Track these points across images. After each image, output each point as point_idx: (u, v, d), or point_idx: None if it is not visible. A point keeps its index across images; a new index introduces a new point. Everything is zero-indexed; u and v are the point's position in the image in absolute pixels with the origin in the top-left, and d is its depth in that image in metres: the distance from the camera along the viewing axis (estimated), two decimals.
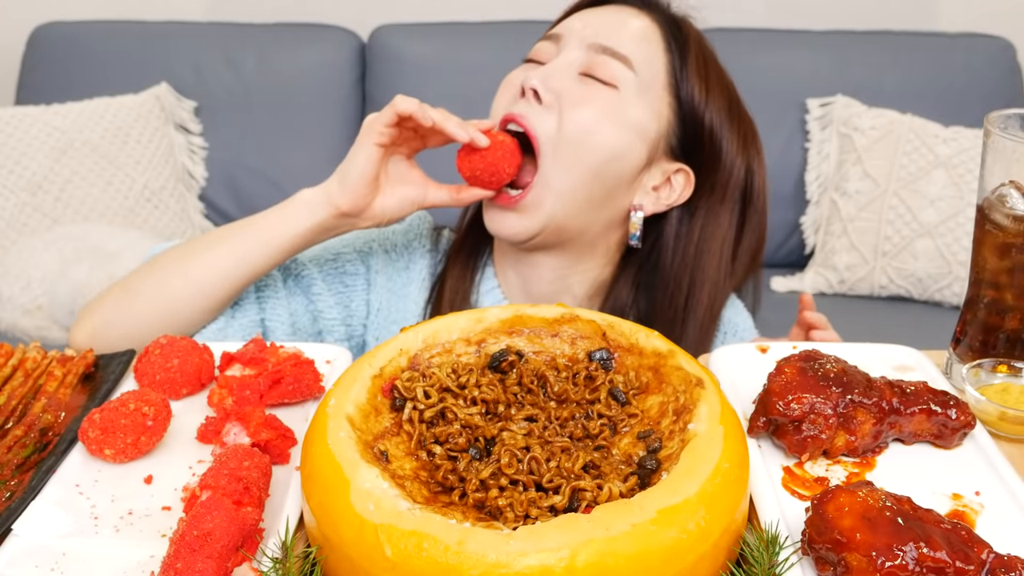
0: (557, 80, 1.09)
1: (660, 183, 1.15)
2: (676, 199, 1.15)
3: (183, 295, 1.06)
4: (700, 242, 1.16)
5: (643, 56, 1.10)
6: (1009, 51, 2.59)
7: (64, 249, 2.22)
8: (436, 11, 2.71)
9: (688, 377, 0.74)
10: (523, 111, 1.09)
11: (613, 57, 1.09)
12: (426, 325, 0.82)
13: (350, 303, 1.20)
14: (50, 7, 2.69)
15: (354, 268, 1.21)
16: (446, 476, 0.70)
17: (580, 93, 1.08)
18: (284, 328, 1.15)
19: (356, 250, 1.22)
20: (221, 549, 0.63)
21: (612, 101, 1.09)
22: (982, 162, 0.90)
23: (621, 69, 1.09)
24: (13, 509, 0.72)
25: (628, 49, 1.10)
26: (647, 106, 1.10)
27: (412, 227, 1.26)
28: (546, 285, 1.20)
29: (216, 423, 0.81)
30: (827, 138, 2.50)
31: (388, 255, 1.22)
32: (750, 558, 0.64)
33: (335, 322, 1.19)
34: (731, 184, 1.16)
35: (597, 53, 1.10)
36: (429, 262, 1.24)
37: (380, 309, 1.20)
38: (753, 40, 2.58)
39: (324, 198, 1.06)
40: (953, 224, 2.33)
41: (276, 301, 1.15)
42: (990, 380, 0.88)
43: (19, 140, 2.35)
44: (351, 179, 1.06)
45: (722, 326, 1.24)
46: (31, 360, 0.91)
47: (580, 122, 1.07)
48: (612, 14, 1.14)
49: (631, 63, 1.09)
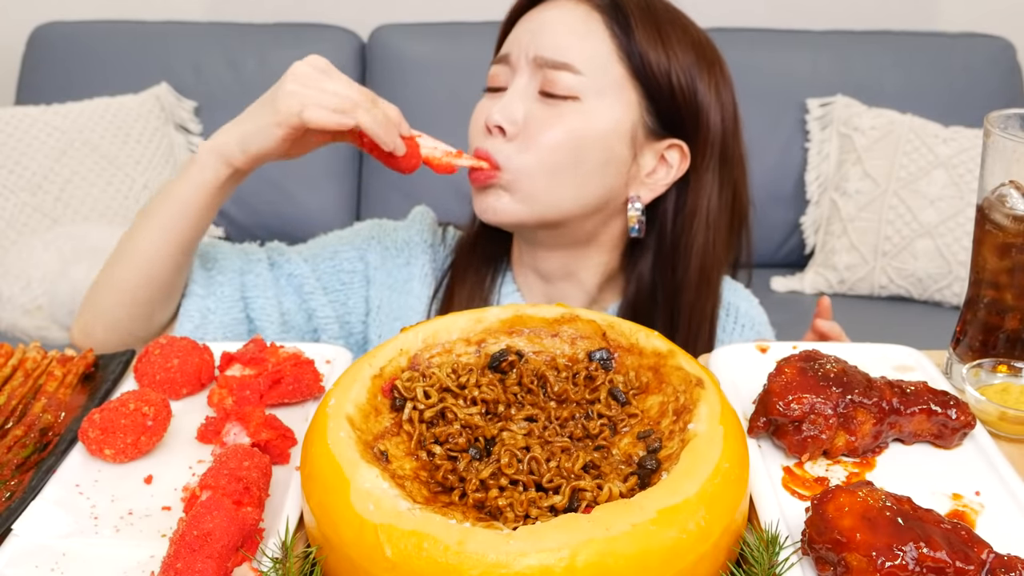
0: (517, 110, 1.08)
1: (654, 167, 1.12)
2: (674, 176, 1.13)
3: (132, 281, 1.06)
4: (689, 209, 1.14)
5: (587, 55, 1.07)
6: (1009, 51, 2.59)
7: (64, 249, 2.22)
8: (436, 11, 2.71)
9: (688, 377, 0.74)
10: (490, 147, 1.08)
11: (559, 68, 1.06)
12: (426, 325, 0.82)
13: (347, 301, 1.20)
14: (50, 7, 2.69)
15: (351, 265, 1.20)
16: (446, 476, 0.70)
17: (543, 117, 1.07)
18: (274, 327, 1.15)
19: (354, 247, 1.21)
20: (221, 549, 0.63)
21: (576, 113, 1.07)
22: (982, 162, 0.90)
23: (572, 78, 1.06)
24: (13, 509, 0.72)
25: (571, 54, 1.06)
26: (612, 101, 1.08)
27: (412, 223, 1.25)
28: (558, 280, 1.20)
29: (216, 423, 0.81)
30: (827, 138, 2.50)
31: (387, 251, 1.21)
32: (750, 558, 0.64)
33: (330, 320, 1.19)
34: (711, 139, 1.12)
35: (544, 68, 1.07)
36: (431, 257, 1.22)
37: (381, 306, 1.20)
38: (753, 40, 2.58)
39: (223, 161, 1.03)
40: (953, 224, 2.33)
41: (265, 300, 1.15)
42: (990, 380, 0.88)
43: (19, 140, 2.34)
44: (251, 152, 1.02)
45: (739, 318, 1.23)
46: (31, 360, 0.91)
47: (547, 148, 1.06)
48: (550, 12, 1.10)
49: (576, 69, 1.06)
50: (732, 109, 1.14)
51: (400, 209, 2.08)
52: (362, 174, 2.62)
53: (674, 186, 1.14)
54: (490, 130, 1.09)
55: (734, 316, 1.23)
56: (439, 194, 1.66)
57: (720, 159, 1.14)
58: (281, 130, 0.99)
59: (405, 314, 1.19)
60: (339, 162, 2.57)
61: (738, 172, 1.17)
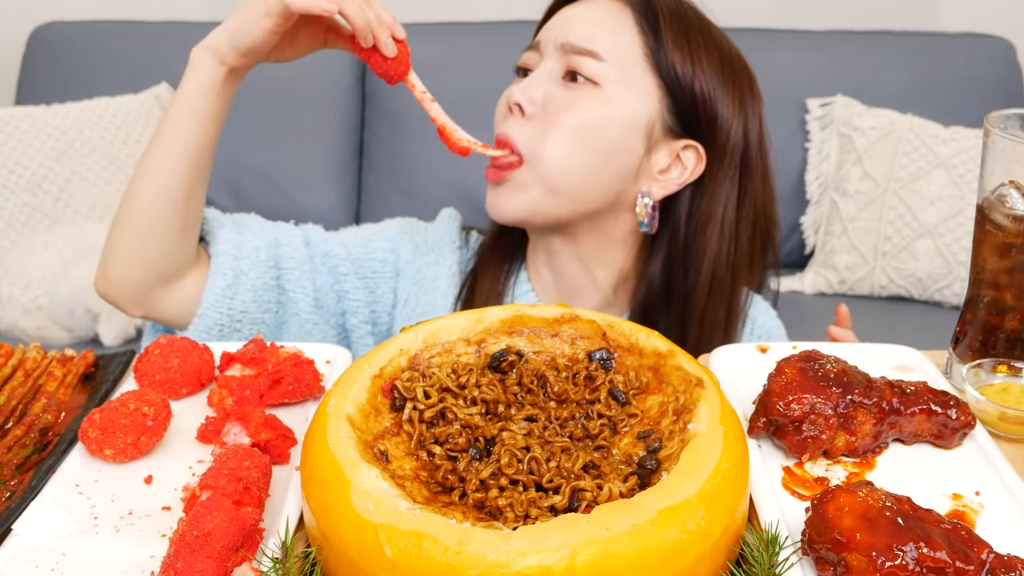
0: (538, 90, 1.11)
1: (667, 164, 1.13)
2: (689, 177, 1.14)
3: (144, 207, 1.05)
4: (704, 214, 1.14)
5: (613, 46, 1.10)
6: (1009, 51, 2.58)
7: (64, 249, 2.22)
8: (436, 11, 2.71)
9: (688, 377, 0.74)
10: (507, 128, 1.11)
11: (584, 55, 1.09)
12: (426, 325, 0.82)
13: (376, 288, 1.22)
14: (50, 7, 2.69)
15: (383, 255, 1.22)
16: (446, 476, 0.70)
17: (563, 99, 1.09)
18: (307, 300, 1.16)
19: (387, 239, 1.24)
20: (221, 549, 0.63)
21: (595, 99, 1.09)
22: (982, 162, 0.90)
23: (596, 65, 1.09)
24: (13, 509, 0.72)
25: (598, 43, 1.09)
26: (633, 94, 1.10)
27: (441, 223, 1.27)
28: (572, 279, 1.20)
29: (216, 423, 0.81)
30: (827, 138, 2.50)
31: (418, 248, 1.24)
32: (750, 558, 0.64)
33: (360, 304, 1.20)
34: (729, 148, 1.13)
35: (570, 54, 1.10)
36: (459, 258, 1.25)
37: (408, 300, 1.22)
38: (753, 40, 2.55)
39: (216, 59, 1.03)
40: (953, 224, 2.33)
41: (300, 273, 1.15)
42: (990, 380, 0.88)
43: (19, 140, 2.35)
44: (241, 47, 1.01)
45: (755, 329, 1.24)
46: (31, 360, 0.91)
47: (564, 127, 1.08)
48: (583, 8, 1.14)
49: (600, 56, 1.09)
50: (757, 125, 1.16)
51: (400, 210, 2.08)
52: (362, 174, 2.62)
53: (689, 189, 1.15)
54: (511, 109, 1.12)
55: (750, 327, 1.24)
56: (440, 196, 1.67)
57: (740, 171, 1.15)
58: (269, 20, 0.99)
59: (431, 310, 1.21)
60: (339, 162, 2.57)
61: (761, 188, 1.17)
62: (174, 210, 1.05)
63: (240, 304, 1.11)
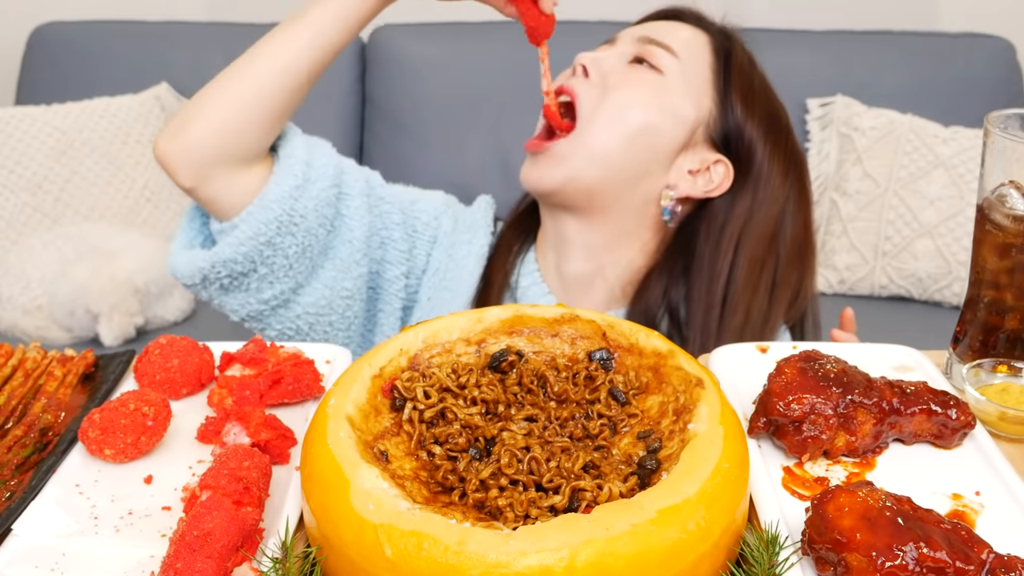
0: (606, 63, 1.18)
1: (698, 169, 1.18)
2: (714, 189, 1.18)
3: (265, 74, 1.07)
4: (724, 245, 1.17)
5: (686, 48, 1.17)
6: (1009, 51, 2.58)
7: (64, 249, 2.22)
8: (436, 11, 2.70)
9: (688, 377, 0.74)
10: (571, 83, 1.17)
11: (658, 46, 1.16)
12: (426, 325, 0.82)
13: (413, 248, 1.26)
14: (50, 7, 2.69)
15: (427, 218, 1.27)
16: (446, 476, 0.70)
17: (625, 75, 1.16)
18: (362, 229, 1.18)
19: (432, 206, 1.28)
20: (221, 549, 0.63)
21: (655, 83, 1.15)
22: (982, 162, 0.90)
23: (667, 57, 1.16)
24: (13, 509, 0.72)
25: (673, 40, 1.17)
26: (689, 93, 1.16)
27: (479, 208, 1.32)
28: (579, 264, 1.22)
29: (216, 423, 0.81)
30: (827, 138, 2.50)
31: (457, 223, 1.28)
32: (750, 558, 0.64)
33: (401, 254, 1.24)
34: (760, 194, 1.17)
35: (645, 44, 1.17)
36: (488, 242, 1.29)
37: (438, 270, 1.25)
38: (753, 40, 2.57)
39: None
40: (953, 224, 2.33)
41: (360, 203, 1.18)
42: (990, 380, 0.88)
43: (19, 140, 2.35)
44: None
45: None
46: (31, 360, 0.91)
47: (620, 95, 1.14)
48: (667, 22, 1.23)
49: (676, 53, 1.16)
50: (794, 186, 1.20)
51: None
52: None
53: (710, 206, 1.18)
54: (574, 70, 1.19)
55: None
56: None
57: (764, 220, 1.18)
58: None
59: (455, 286, 1.24)
60: None
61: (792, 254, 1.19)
62: (292, 86, 1.08)
63: (302, 208, 1.11)
